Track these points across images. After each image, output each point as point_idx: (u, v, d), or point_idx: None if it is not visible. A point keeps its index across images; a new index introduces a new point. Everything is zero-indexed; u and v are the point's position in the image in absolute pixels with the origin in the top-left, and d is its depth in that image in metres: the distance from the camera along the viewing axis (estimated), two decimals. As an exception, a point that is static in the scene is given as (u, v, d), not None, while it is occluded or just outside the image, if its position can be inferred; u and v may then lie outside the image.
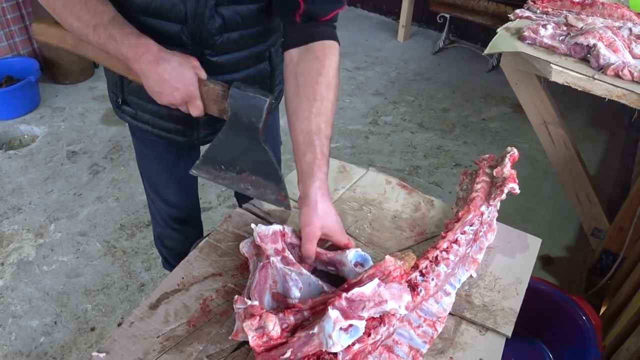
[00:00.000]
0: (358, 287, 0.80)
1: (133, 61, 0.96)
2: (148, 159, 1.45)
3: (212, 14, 1.04)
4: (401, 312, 0.81)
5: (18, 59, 3.36)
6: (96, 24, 0.96)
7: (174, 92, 0.97)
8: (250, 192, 1.08)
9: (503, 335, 0.92)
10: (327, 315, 0.75)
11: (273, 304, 0.89)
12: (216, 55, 1.12)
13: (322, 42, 1.02)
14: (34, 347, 1.91)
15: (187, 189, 1.52)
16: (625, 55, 1.66)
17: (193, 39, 1.07)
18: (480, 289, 1.01)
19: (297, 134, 0.99)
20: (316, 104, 0.97)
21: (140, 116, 1.27)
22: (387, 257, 0.87)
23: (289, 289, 0.88)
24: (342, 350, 0.75)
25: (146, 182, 1.52)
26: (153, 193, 1.51)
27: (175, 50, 1.02)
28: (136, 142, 1.44)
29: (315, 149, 0.96)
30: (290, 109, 1.01)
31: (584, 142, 3.03)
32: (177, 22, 1.05)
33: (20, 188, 2.66)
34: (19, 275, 2.19)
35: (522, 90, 1.98)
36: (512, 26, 1.92)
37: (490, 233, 1.10)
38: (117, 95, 1.27)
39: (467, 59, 4.07)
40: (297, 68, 1.01)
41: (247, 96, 0.97)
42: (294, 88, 1.01)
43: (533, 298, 1.14)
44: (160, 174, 1.46)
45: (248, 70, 1.20)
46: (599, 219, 2.11)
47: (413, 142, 3.11)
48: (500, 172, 1.10)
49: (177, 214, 1.53)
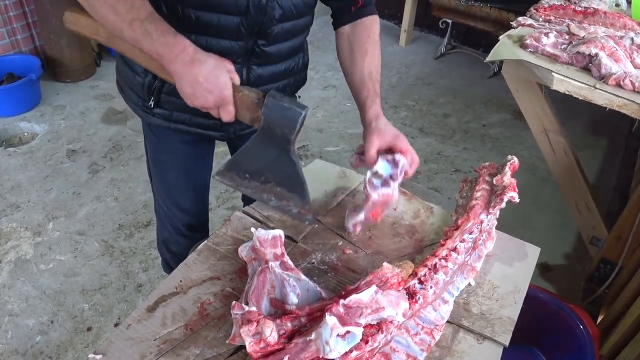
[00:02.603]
0: (356, 294, 0.80)
1: (168, 61, 0.95)
2: (166, 165, 1.43)
3: (274, 5, 1.07)
4: (399, 320, 0.81)
5: (20, 57, 3.36)
6: (133, 18, 0.93)
7: (208, 95, 0.96)
8: (273, 203, 1.08)
9: (501, 344, 0.92)
10: (325, 322, 0.75)
11: (271, 309, 0.88)
12: (269, 45, 1.14)
13: (370, 17, 1.25)
14: (30, 347, 1.91)
15: (200, 194, 1.53)
16: (627, 65, 1.66)
17: (251, 30, 1.09)
18: (479, 297, 1.01)
19: (354, 80, 1.21)
20: (367, 57, 1.20)
21: (175, 117, 1.25)
22: (385, 265, 0.87)
23: (287, 295, 0.88)
24: (339, 357, 0.75)
25: (161, 189, 1.49)
26: (168, 200, 1.49)
27: (231, 42, 1.07)
28: (154, 148, 1.42)
29: (369, 88, 1.18)
30: (346, 65, 1.24)
31: (584, 150, 3.03)
32: (238, 15, 1.06)
33: (20, 186, 2.66)
34: (17, 273, 2.19)
35: (523, 98, 1.98)
36: (515, 34, 1.92)
37: (489, 242, 1.10)
38: (147, 99, 1.23)
39: (468, 65, 4.08)
40: (350, 36, 1.24)
41: (282, 107, 0.96)
42: (348, 49, 1.23)
43: (531, 306, 1.14)
44: (179, 181, 1.45)
45: (290, 61, 1.25)
46: (598, 227, 2.11)
47: (413, 147, 3.09)
48: (501, 181, 1.10)
49: (189, 220, 1.53)
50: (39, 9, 3.26)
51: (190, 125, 1.27)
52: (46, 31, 3.33)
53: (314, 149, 3.03)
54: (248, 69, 1.16)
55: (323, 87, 3.67)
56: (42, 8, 3.23)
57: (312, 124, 3.24)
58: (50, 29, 3.31)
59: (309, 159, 2.94)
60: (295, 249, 1.07)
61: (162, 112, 1.25)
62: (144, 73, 1.18)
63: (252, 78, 1.18)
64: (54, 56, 3.43)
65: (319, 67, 3.93)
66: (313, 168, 1.35)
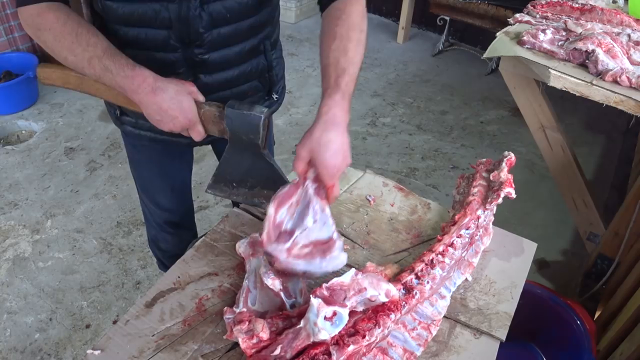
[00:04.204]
0: (336, 278, 0.80)
1: (131, 92, 0.96)
2: (141, 165, 1.45)
3: (198, 13, 1.03)
4: (381, 299, 0.82)
5: (17, 54, 3.35)
6: (90, 57, 0.95)
7: (174, 121, 0.98)
8: (265, 205, 1.08)
9: (497, 339, 0.93)
10: (311, 304, 0.76)
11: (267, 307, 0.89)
12: (207, 53, 1.11)
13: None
14: (29, 344, 1.91)
15: (180, 193, 1.53)
16: (624, 61, 1.66)
17: (182, 41, 1.07)
18: (476, 292, 1.01)
19: (321, 67, 1.04)
20: (335, 42, 1.02)
21: (141, 124, 1.26)
22: (368, 264, 0.92)
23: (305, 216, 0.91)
24: (336, 351, 0.75)
25: (139, 187, 1.52)
26: (146, 198, 1.51)
27: (166, 54, 1.04)
28: (128, 148, 1.44)
29: (330, 78, 0.99)
30: (320, 51, 1.07)
31: (581, 146, 3.04)
32: (162, 28, 1.04)
33: (17, 184, 2.66)
34: (15, 271, 2.19)
35: (520, 95, 1.98)
36: (512, 30, 1.92)
37: (486, 237, 1.10)
38: (115, 107, 1.27)
39: (466, 62, 4.08)
40: (323, 21, 1.08)
41: (242, 114, 0.97)
42: (320, 36, 1.07)
43: (528, 302, 1.15)
44: (153, 179, 1.46)
45: (244, 66, 1.19)
46: (595, 223, 2.12)
47: (411, 144, 3.12)
48: (497, 177, 1.11)
49: (170, 217, 1.54)
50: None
51: (155, 132, 1.26)
52: (43, 28, 3.32)
53: (312, 146, 3.03)
54: (194, 78, 1.13)
55: (320, 84, 3.66)
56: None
57: (309, 121, 3.21)
58: (47, 26, 3.29)
59: (306, 156, 2.94)
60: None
61: (129, 120, 1.28)
62: None
63: (200, 86, 1.08)
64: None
65: (317, 64, 3.92)
66: (310, 164, 1.35)
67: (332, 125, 0.94)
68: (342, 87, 0.98)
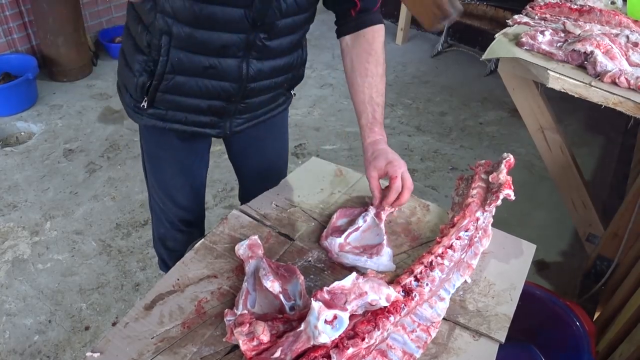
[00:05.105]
0: (337, 282, 0.80)
1: None
2: (162, 161, 1.43)
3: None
4: (382, 304, 0.82)
5: (16, 56, 3.35)
6: None
7: None
8: None
9: (496, 340, 0.93)
10: (311, 308, 0.76)
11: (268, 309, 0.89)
12: (270, 39, 1.14)
13: (372, 27, 1.22)
14: (28, 346, 1.91)
15: (197, 191, 1.53)
16: (622, 62, 1.66)
17: (254, 23, 1.09)
18: (475, 294, 1.01)
19: (355, 101, 1.23)
20: (367, 78, 1.20)
21: (170, 116, 1.25)
22: (369, 270, 0.93)
23: None
24: (336, 354, 0.75)
25: (155, 184, 1.49)
26: (163, 194, 1.49)
27: (230, 35, 1.08)
28: (149, 144, 1.42)
29: (368, 114, 1.20)
30: (349, 83, 1.24)
31: (580, 147, 3.04)
32: (242, 7, 1.06)
33: (16, 185, 2.66)
34: (14, 273, 2.19)
35: (519, 96, 1.99)
36: (511, 32, 1.93)
37: (485, 239, 1.10)
38: (140, 99, 1.23)
39: (465, 63, 4.08)
40: (352, 51, 1.22)
41: None
42: (349, 67, 1.23)
43: (527, 303, 1.15)
44: (175, 176, 1.45)
45: (289, 58, 1.24)
46: (594, 224, 2.12)
47: (410, 145, 3.12)
48: (496, 178, 1.11)
49: (185, 215, 1.53)
50: (35, 8, 3.24)
51: (185, 124, 1.27)
52: (42, 30, 3.32)
53: (311, 147, 3.03)
54: (247, 63, 1.16)
55: (320, 86, 3.67)
56: (38, 7, 3.22)
57: (308, 122, 3.24)
58: (46, 28, 3.30)
59: (305, 157, 2.94)
60: (291, 247, 1.08)
61: (155, 112, 1.25)
62: (138, 72, 1.18)
63: (251, 72, 1.17)
64: (50, 55, 3.42)
65: (316, 66, 3.93)
66: (309, 166, 1.36)
67: (380, 146, 1.17)
68: (378, 119, 1.21)
